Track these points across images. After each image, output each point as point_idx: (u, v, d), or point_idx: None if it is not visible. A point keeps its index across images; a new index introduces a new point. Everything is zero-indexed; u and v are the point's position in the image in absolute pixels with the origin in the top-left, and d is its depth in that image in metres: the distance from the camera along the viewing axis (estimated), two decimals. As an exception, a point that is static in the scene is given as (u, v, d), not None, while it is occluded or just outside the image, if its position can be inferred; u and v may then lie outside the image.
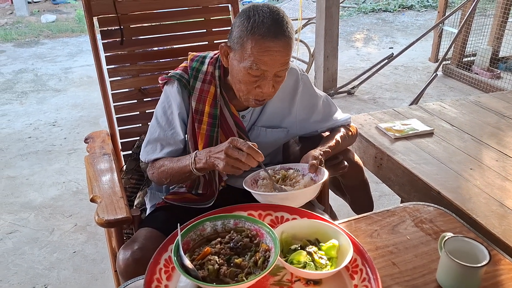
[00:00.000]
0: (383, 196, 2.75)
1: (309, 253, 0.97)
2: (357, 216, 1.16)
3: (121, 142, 1.78)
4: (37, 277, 2.16)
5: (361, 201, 1.72)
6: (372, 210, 1.76)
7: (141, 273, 1.20)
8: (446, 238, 0.96)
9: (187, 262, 0.91)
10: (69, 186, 2.90)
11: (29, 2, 8.57)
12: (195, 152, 1.27)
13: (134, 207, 1.62)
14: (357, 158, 1.62)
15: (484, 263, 0.90)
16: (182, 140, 1.38)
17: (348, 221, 1.15)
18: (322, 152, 1.35)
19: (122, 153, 1.81)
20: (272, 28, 1.17)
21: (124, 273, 1.23)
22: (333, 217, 1.69)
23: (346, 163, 1.50)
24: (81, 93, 4.48)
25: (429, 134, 2.00)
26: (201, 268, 0.93)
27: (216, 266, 0.92)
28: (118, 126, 1.77)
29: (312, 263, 0.95)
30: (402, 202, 1.94)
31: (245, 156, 1.12)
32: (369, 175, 2.05)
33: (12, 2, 8.35)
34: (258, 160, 1.12)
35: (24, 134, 3.63)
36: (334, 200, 1.81)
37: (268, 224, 1.06)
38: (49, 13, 8.14)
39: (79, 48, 6.08)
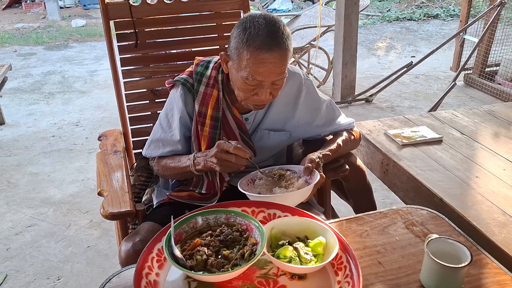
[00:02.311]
0: (394, 203, 2.74)
1: (295, 249, 1.01)
2: (349, 217, 1.19)
3: (132, 141, 1.86)
4: (51, 269, 2.24)
5: (363, 205, 1.74)
6: (374, 214, 1.77)
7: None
8: (430, 239, 0.97)
9: (177, 252, 0.95)
10: (87, 183, 3.00)
11: (61, 7, 8.90)
12: (193, 154, 1.34)
13: (142, 203, 1.69)
14: (359, 162, 1.64)
15: (465, 264, 0.91)
16: (179, 141, 1.46)
17: (340, 221, 1.18)
18: (321, 155, 1.38)
19: (133, 151, 1.88)
20: (267, 40, 1.21)
21: (125, 263, 1.29)
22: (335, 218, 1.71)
23: (347, 166, 1.52)
24: (105, 95, 4.63)
25: (438, 141, 2.00)
26: (190, 258, 0.97)
27: (205, 256, 0.96)
28: (131, 126, 1.84)
29: (297, 258, 0.99)
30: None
31: (233, 157, 1.19)
32: (379, 182, 2.06)
33: (45, 7, 8.68)
34: (246, 158, 1.18)
35: (48, 133, 3.77)
36: (340, 202, 1.83)
37: (260, 221, 1.10)
38: (79, 18, 8.43)
39: (106, 52, 6.25)
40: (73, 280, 2.18)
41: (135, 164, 1.83)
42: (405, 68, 4.13)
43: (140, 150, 1.81)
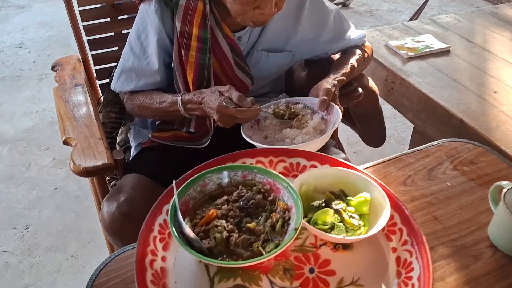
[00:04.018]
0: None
1: (337, 212, 0.79)
2: (384, 159, 0.98)
3: (95, 70, 1.52)
4: (17, 218, 1.99)
5: (373, 132, 1.54)
6: (384, 142, 1.58)
7: (129, 229, 1.03)
8: (506, 190, 0.78)
9: (188, 230, 0.72)
10: (43, 116, 2.64)
11: None
12: (180, 96, 1.08)
13: (117, 145, 1.41)
14: (372, 83, 1.41)
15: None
16: (158, 71, 1.16)
17: (375, 165, 0.96)
18: (335, 83, 1.13)
19: (97, 82, 1.55)
20: None
21: (111, 229, 1.05)
22: (340, 149, 1.51)
23: (361, 90, 1.29)
24: (48, 9, 4.02)
25: (446, 52, 1.78)
26: (206, 236, 0.75)
27: (225, 233, 0.74)
28: (91, 50, 1.49)
29: (341, 224, 0.78)
30: (414, 130, 1.77)
31: (239, 113, 0.98)
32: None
33: None
34: (257, 113, 1.00)
35: (-12, 58, 3.27)
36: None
37: (281, 172, 0.87)
38: None
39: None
40: (43, 228, 1.94)
41: (102, 98, 1.52)
42: (385, -33, 3.76)
43: (106, 81, 1.49)
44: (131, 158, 1.28)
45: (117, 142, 1.42)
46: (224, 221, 0.76)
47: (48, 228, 1.94)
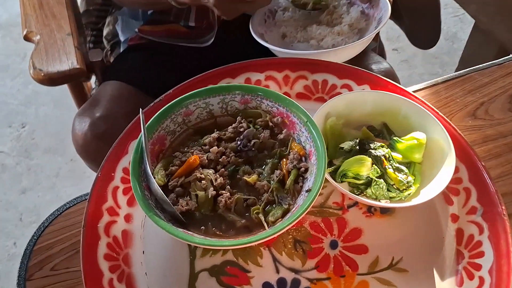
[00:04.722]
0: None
1: (377, 160, 0.55)
2: (447, 77, 0.69)
3: None
4: (12, 115, 1.81)
5: (424, 29, 1.21)
6: (436, 43, 1.25)
7: (106, 152, 0.81)
8: None
9: (155, 187, 0.49)
10: (39, -3, 2.33)
11: None
12: None
13: (104, 40, 1.15)
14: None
15: None
16: None
17: (433, 85, 0.68)
18: None
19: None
20: None
21: (83, 152, 0.85)
22: (381, 52, 1.20)
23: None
24: None
25: None
26: (185, 193, 0.52)
27: (212, 190, 0.51)
28: None
29: (381, 180, 0.54)
30: (475, 28, 1.41)
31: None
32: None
33: None
34: None
35: None
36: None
37: (299, 94, 0.61)
38: None
39: None
40: (41, 127, 1.77)
41: (85, -24, 1.21)
42: None
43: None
44: (113, 59, 1.02)
45: (104, 35, 1.16)
46: (211, 171, 0.53)
47: (46, 128, 1.77)
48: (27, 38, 0.90)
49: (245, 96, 0.58)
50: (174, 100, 0.56)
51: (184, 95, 0.57)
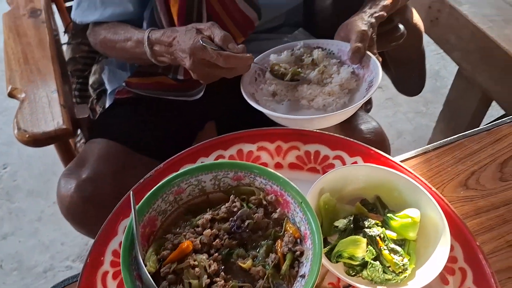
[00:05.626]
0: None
1: (372, 241, 0.54)
2: (437, 144, 0.70)
3: (62, -12, 1.20)
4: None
5: (410, 78, 1.23)
6: (422, 90, 1.27)
7: (94, 215, 0.79)
8: None
9: (146, 277, 0.48)
10: None
11: None
12: (147, 34, 0.77)
13: (90, 88, 1.14)
14: (416, 17, 1.08)
15: None
16: None
17: (424, 153, 0.69)
18: (373, 21, 0.82)
19: (66, 4, 1.23)
20: None
21: (69, 216, 0.83)
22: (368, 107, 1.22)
23: (402, 28, 0.97)
24: None
25: (509, -28, 1.40)
26: (177, 281, 0.50)
27: (205, 278, 0.49)
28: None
29: (377, 263, 0.53)
30: (459, 75, 1.44)
31: (222, 59, 0.65)
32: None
33: None
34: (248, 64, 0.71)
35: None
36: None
37: (292, 164, 0.61)
38: None
39: None
40: (24, 168, 1.74)
41: (71, 24, 1.21)
42: None
43: (75, 4, 1.17)
44: (98, 114, 1.00)
45: (89, 84, 1.15)
46: (204, 257, 0.51)
47: (29, 169, 1.73)
48: (11, 95, 0.89)
49: (238, 173, 0.57)
50: (165, 179, 0.55)
51: (175, 174, 0.55)
